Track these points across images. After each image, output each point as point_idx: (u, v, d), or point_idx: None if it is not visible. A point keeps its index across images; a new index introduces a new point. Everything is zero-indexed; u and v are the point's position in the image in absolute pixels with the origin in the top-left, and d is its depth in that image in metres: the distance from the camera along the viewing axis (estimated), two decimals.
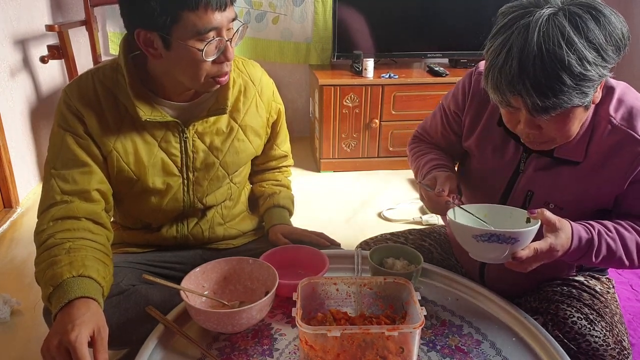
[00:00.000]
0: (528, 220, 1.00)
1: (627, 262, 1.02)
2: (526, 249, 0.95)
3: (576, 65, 0.85)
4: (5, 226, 2.35)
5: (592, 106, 1.01)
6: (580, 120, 0.97)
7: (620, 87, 1.05)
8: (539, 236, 0.98)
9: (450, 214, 1.03)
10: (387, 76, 2.87)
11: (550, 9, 0.88)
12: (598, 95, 0.97)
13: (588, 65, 0.85)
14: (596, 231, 1.00)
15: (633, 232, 1.03)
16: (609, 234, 1.01)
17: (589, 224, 1.02)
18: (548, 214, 0.97)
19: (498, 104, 0.97)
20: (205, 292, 1.09)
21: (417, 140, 1.39)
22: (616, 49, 0.89)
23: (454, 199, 1.07)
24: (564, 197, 1.08)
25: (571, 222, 1.00)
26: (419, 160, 1.29)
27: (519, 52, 0.87)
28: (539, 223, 0.96)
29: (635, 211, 1.06)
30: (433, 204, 1.12)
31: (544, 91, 0.87)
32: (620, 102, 1.03)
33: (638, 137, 0.99)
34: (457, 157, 1.33)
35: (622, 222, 1.04)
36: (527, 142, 1.03)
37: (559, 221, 0.98)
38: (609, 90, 1.03)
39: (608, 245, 1.00)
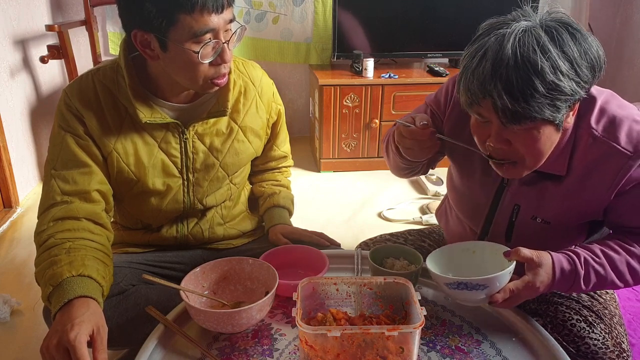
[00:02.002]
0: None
1: (620, 284, 1.00)
2: (501, 292, 0.95)
3: (549, 72, 0.84)
4: (5, 226, 2.35)
5: (570, 126, 0.98)
6: (551, 142, 0.95)
7: (603, 96, 1.02)
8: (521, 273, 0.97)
9: (429, 261, 1.02)
10: (387, 76, 2.87)
11: (528, 22, 0.89)
12: (570, 120, 0.95)
13: (561, 76, 0.84)
14: (581, 259, 0.98)
15: (622, 252, 1.00)
16: (597, 259, 0.98)
17: (573, 252, 0.99)
18: (524, 251, 0.96)
19: (467, 107, 0.94)
20: (205, 292, 1.09)
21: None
22: (591, 68, 0.88)
23: (433, 133, 1.03)
24: (550, 211, 1.07)
25: (552, 255, 0.98)
26: (391, 129, 1.25)
27: (494, 55, 0.86)
28: (511, 266, 0.95)
29: (626, 222, 1.03)
30: (416, 141, 1.05)
31: (515, 94, 0.85)
32: (602, 112, 1.00)
33: (620, 148, 0.97)
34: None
35: (610, 243, 1.02)
36: (495, 163, 1.00)
37: (538, 257, 0.96)
38: (590, 100, 1.01)
39: (596, 272, 0.98)
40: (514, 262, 0.96)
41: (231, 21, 1.07)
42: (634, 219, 1.02)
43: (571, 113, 0.94)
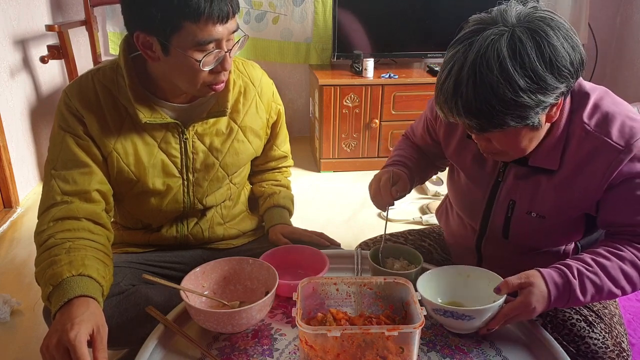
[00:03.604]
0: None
1: (617, 291, 0.98)
2: (497, 319, 0.95)
3: (507, 91, 0.85)
4: (5, 226, 2.35)
5: (564, 114, 1.00)
6: (531, 138, 0.97)
7: (597, 93, 1.03)
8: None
9: (420, 283, 1.02)
10: (387, 76, 2.87)
11: (499, 28, 0.88)
12: (555, 114, 0.96)
13: (520, 92, 0.85)
14: (573, 270, 0.97)
15: (613, 257, 0.98)
16: (589, 268, 0.97)
17: (563, 265, 0.98)
18: (512, 280, 0.95)
19: (443, 118, 0.97)
20: (205, 292, 1.09)
21: (405, 138, 1.42)
22: (560, 77, 0.87)
23: (391, 203, 1.16)
24: (545, 205, 1.07)
25: (541, 271, 0.97)
26: (393, 151, 1.39)
27: (457, 71, 0.89)
28: (502, 299, 0.95)
29: (616, 219, 1.03)
30: (378, 191, 1.18)
31: (474, 112, 0.89)
32: (595, 107, 1.01)
33: (612, 143, 0.97)
34: (434, 158, 1.34)
35: (600, 250, 1.01)
36: (483, 152, 1.03)
37: (527, 277, 0.95)
38: (584, 97, 1.02)
39: (592, 281, 0.96)
40: (504, 297, 0.95)
41: (234, 31, 1.06)
42: (624, 215, 1.01)
43: (554, 108, 0.94)
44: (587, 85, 1.04)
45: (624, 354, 1.09)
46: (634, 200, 0.99)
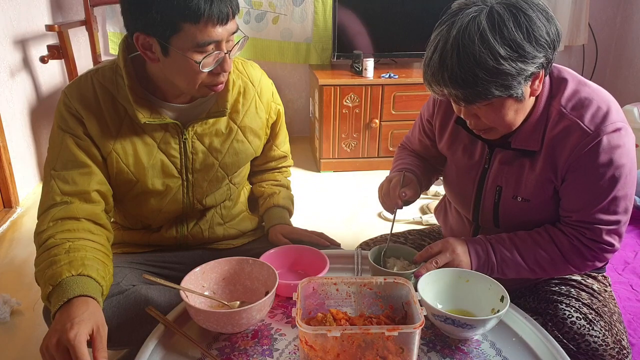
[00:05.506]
0: (502, 299, 1.00)
1: (524, 265, 1.10)
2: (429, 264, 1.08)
3: (488, 59, 0.91)
4: (5, 226, 2.35)
5: (543, 97, 1.05)
6: (516, 111, 1.01)
7: (576, 81, 1.07)
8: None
9: (420, 286, 1.02)
10: (387, 76, 2.87)
11: (479, 6, 0.94)
12: (537, 87, 1.00)
13: (501, 60, 0.91)
14: (491, 239, 1.12)
15: (529, 240, 1.11)
16: (505, 244, 1.11)
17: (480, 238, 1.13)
18: (432, 247, 1.12)
19: (432, 94, 1.03)
20: (205, 292, 1.09)
21: (402, 148, 1.45)
22: (538, 46, 0.93)
23: (399, 205, 1.19)
24: (527, 188, 1.11)
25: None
26: (394, 162, 1.41)
27: (442, 47, 0.95)
28: (503, 310, 0.95)
29: (564, 205, 1.08)
30: (388, 192, 1.21)
31: (459, 83, 0.94)
32: (574, 93, 1.05)
33: (583, 126, 1.01)
34: (435, 162, 1.36)
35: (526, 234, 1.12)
36: (472, 128, 1.08)
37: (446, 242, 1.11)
38: (561, 82, 1.07)
39: (505, 249, 1.10)
40: (506, 307, 0.96)
41: (234, 32, 1.06)
42: (567, 200, 1.07)
43: (537, 81, 0.98)
44: (566, 71, 1.08)
45: (624, 351, 1.09)
46: (579, 189, 1.04)
